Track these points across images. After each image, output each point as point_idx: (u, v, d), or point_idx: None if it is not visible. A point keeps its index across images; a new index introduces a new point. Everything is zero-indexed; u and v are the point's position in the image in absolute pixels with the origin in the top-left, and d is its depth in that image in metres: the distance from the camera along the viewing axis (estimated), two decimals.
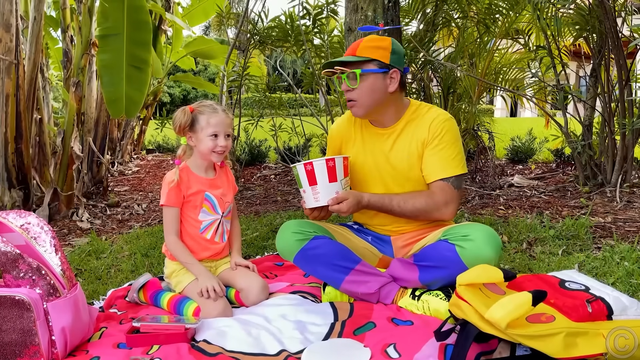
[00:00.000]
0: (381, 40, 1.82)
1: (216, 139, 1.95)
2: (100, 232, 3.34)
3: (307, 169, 1.70)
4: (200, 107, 1.97)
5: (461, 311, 1.44)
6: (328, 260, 1.82)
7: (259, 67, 7.65)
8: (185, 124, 1.93)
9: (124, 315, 1.93)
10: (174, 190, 1.95)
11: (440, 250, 1.72)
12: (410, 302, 1.79)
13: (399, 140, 1.90)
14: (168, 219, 1.97)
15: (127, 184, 5.26)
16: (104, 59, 3.82)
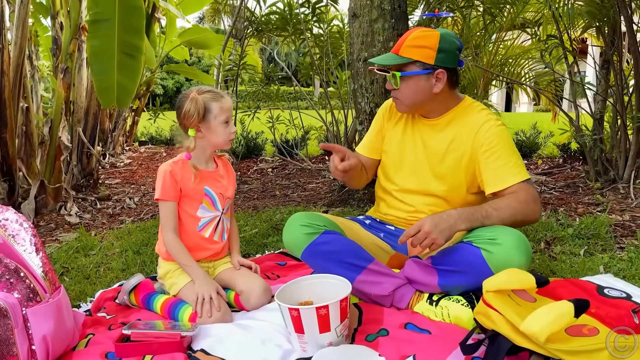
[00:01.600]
0: (427, 38, 1.66)
1: (228, 126, 1.81)
2: (90, 227, 3.17)
3: (293, 314, 1.44)
4: (206, 94, 1.79)
5: (490, 321, 1.29)
6: (339, 257, 1.68)
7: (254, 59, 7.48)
8: (201, 114, 1.75)
9: (113, 320, 1.77)
10: (170, 182, 1.79)
11: (463, 253, 1.57)
12: (427, 308, 1.64)
13: (442, 132, 1.79)
14: (165, 215, 1.81)
15: (119, 176, 5.08)
16: (94, 45, 3.63)
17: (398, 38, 3.12)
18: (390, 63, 1.70)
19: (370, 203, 3.08)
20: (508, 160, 1.68)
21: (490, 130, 1.70)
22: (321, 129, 5.64)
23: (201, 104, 1.75)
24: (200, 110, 1.75)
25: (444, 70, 1.68)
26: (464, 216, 1.55)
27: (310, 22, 4.91)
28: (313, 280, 1.67)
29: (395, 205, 1.89)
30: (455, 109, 1.79)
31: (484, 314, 1.33)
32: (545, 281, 1.37)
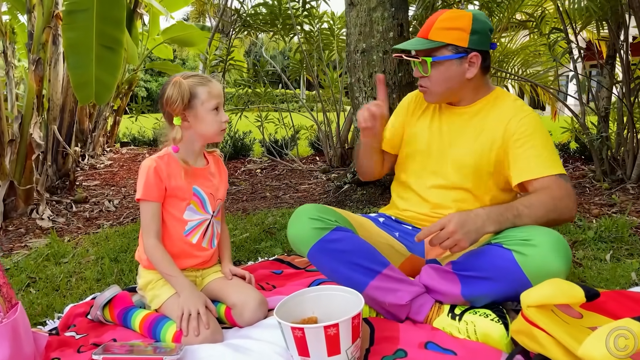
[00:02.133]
0: (459, 19, 1.49)
1: (218, 114, 1.58)
2: (63, 231, 2.90)
3: (296, 334, 1.23)
4: (192, 78, 1.58)
5: (536, 343, 1.08)
6: (351, 258, 1.46)
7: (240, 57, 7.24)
8: (187, 99, 1.54)
9: (83, 340, 1.52)
10: (154, 180, 1.55)
11: (491, 257, 1.36)
12: (449, 323, 1.42)
13: (470, 121, 1.60)
14: (147, 218, 1.57)
15: (98, 178, 4.80)
16: (70, 37, 3.37)
17: (399, 28, 2.95)
18: (419, 48, 1.53)
19: (369, 204, 2.87)
20: (542, 152, 1.49)
21: (524, 119, 1.52)
22: (312, 128, 5.43)
23: (186, 87, 1.54)
24: (185, 94, 1.53)
25: (477, 54, 1.52)
26: (493, 217, 1.35)
27: (300, 17, 4.70)
28: (318, 293, 1.45)
29: (417, 202, 1.67)
30: (486, 98, 1.61)
31: (526, 333, 1.12)
32: (595, 294, 1.16)
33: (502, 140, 1.53)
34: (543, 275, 1.24)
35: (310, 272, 1.95)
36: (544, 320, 1.08)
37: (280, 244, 2.36)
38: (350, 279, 1.45)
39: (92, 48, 3.37)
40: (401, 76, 2.95)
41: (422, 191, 1.66)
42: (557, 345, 1.04)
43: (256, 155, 5.72)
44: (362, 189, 3.07)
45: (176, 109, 1.54)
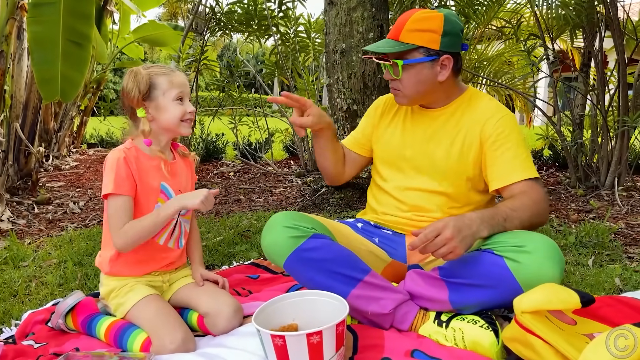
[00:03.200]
0: (430, 20, 1.44)
1: (182, 104, 1.49)
2: (24, 234, 2.74)
3: (277, 343, 1.14)
4: (152, 69, 1.50)
5: (532, 350, 1.03)
6: (331, 267, 1.38)
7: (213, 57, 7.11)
8: (145, 89, 1.45)
9: (42, 350, 1.40)
10: (125, 172, 1.42)
11: (482, 264, 1.30)
12: (435, 330, 1.36)
13: (446, 124, 1.56)
14: (118, 213, 1.41)
15: (63, 179, 4.60)
16: (35, 31, 3.21)
17: (379, 29, 2.91)
18: (390, 51, 1.47)
19: (347, 208, 2.80)
20: (518, 154, 1.46)
21: (500, 120, 1.49)
22: (286, 131, 5.35)
23: (143, 77, 1.45)
24: (142, 84, 1.45)
25: (449, 56, 1.47)
26: (486, 221, 1.30)
27: (276, 18, 4.63)
28: (298, 299, 1.37)
29: (394, 206, 1.61)
30: (459, 99, 1.58)
31: (521, 341, 1.06)
32: (590, 299, 1.12)
33: (479, 142, 1.50)
34: (536, 283, 1.20)
35: (288, 277, 1.86)
36: (539, 327, 1.03)
37: (256, 247, 2.26)
38: (331, 289, 1.36)
39: (58, 43, 3.22)
40: (381, 78, 2.91)
41: (398, 194, 1.61)
42: (555, 354, 0.99)
43: (229, 158, 5.60)
44: (339, 193, 3.00)
45: (133, 100, 1.46)
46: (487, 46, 4.55)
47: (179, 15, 19.11)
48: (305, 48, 4.94)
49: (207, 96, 5.58)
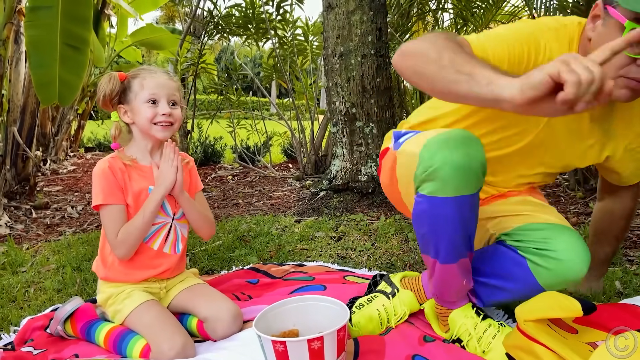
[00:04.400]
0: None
1: (156, 106, 1.47)
2: (22, 239, 2.73)
3: (278, 349, 1.14)
4: (134, 72, 1.51)
5: (536, 358, 1.02)
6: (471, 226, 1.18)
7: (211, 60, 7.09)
8: (112, 92, 1.48)
9: (42, 357, 1.39)
10: (110, 182, 1.45)
11: (505, 262, 1.27)
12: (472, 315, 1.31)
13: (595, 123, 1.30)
14: (112, 221, 1.44)
15: (61, 183, 4.59)
16: (33, 35, 3.21)
17: (377, 32, 2.91)
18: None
19: (346, 212, 2.80)
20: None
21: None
22: (285, 135, 5.34)
23: (114, 81, 1.48)
24: (109, 88, 1.47)
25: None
26: None
27: (275, 22, 4.63)
28: (299, 304, 1.36)
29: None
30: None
31: (524, 349, 1.05)
32: (592, 307, 1.11)
33: (623, 149, 1.34)
34: (561, 284, 1.17)
35: (288, 282, 1.86)
36: (543, 335, 1.02)
37: (256, 252, 2.26)
38: (454, 244, 1.17)
39: (56, 47, 3.22)
40: (379, 81, 2.90)
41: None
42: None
43: (227, 162, 5.59)
44: (338, 196, 3.00)
45: (100, 101, 1.48)
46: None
47: (177, 18, 19.10)
48: (303, 51, 4.94)
49: (205, 99, 5.57)
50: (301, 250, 2.28)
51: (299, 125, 4.53)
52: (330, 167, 3.20)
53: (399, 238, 2.35)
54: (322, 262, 2.11)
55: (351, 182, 3.01)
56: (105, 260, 1.51)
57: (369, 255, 2.18)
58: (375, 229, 2.48)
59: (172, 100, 1.49)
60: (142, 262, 1.51)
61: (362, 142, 2.98)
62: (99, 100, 1.48)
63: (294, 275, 1.92)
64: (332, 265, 2.07)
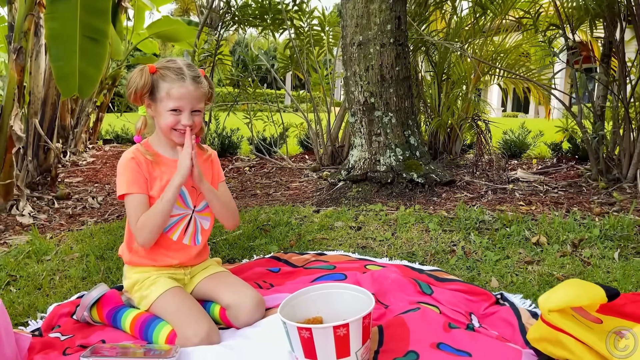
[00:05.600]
0: None
1: (178, 115, 1.47)
2: (45, 228, 2.77)
3: (303, 335, 1.15)
4: (164, 70, 1.48)
5: (564, 349, 1.01)
6: None
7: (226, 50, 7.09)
8: (143, 89, 1.46)
9: (69, 342, 1.41)
10: (137, 171, 1.47)
11: None
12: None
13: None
14: (136, 210, 1.46)
15: (81, 175, 4.64)
16: (53, 27, 3.23)
17: (396, 20, 2.88)
18: None
19: (365, 202, 2.79)
20: None
21: None
22: (301, 126, 5.34)
23: (146, 78, 1.46)
24: (140, 85, 1.46)
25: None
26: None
27: (291, 12, 4.61)
28: (323, 291, 1.36)
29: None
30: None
31: (551, 340, 1.04)
32: (615, 293, 1.09)
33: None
34: None
35: (309, 270, 1.86)
36: (570, 325, 1.01)
37: (276, 241, 2.26)
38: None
39: (75, 39, 3.24)
40: (398, 70, 2.88)
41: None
42: (588, 351, 0.97)
43: (244, 154, 5.60)
44: (357, 187, 2.99)
45: (130, 96, 1.48)
46: (504, 37, 4.48)
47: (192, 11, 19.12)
48: (320, 41, 4.92)
49: (221, 91, 5.58)
50: (321, 239, 2.28)
51: (315, 116, 4.52)
52: (349, 157, 3.19)
53: (419, 228, 2.33)
54: (342, 251, 2.11)
55: (370, 173, 3.00)
56: (130, 246, 1.54)
57: (389, 245, 2.17)
58: (395, 219, 2.47)
59: (195, 108, 1.49)
60: (161, 252, 1.53)
61: (381, 132, 2.96)
62: (130, 94, 1.48)
63: (315, 264, 1.92)
64: (353, 254, 2.07)
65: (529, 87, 4.97)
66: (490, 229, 2.26)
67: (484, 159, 3.79)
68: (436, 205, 2.72)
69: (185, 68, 1.49)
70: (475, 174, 3.62)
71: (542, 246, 2.04)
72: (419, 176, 2.92)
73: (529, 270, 1.83)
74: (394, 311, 1.48)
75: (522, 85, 4.89)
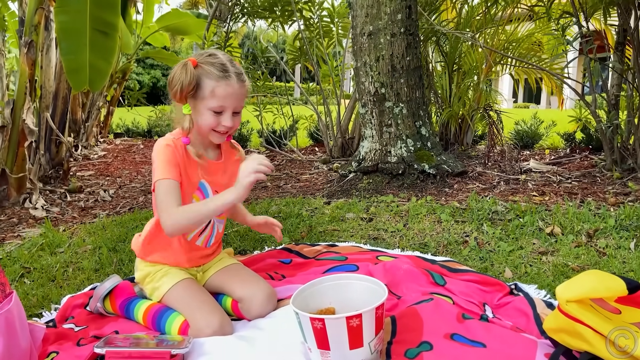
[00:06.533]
0: None
1: (219, 116, 1.40)
2: (58, 221, 2.79)
3: (316, 326, 1.13)
4: (207, 65, 1.38)
5: (582, 340, 0.99)
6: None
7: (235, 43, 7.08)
8: (189, 86, 1.36)
9: (83, 333, 1.42)
10: (169, 158, 1.38)
11: None
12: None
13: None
14: (166, 195, 1.35)
15: (92, 168, 4.67)
16: (63, 21, 3.24)
17: (407, 10, 2.85)
18: None
19: (376, 193, 2.77)
20: None
21: None
22: (311, 118, 5.32)
23: (190, 75, 1.36)
24: (186, 82, 1.35)
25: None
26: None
27: (300, 3, 4.59)
28: (336, 282, 1.35)
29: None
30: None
31: (569, 331, 1.03)
32: (636, 285, 1.07)
33: None
34: None
35: (321, 261, 1.85)
36: (588, 316, 0.99)
37: (287, 232, 2.26)
38: None
39: (85, 32, 3.25)
40: (409, 60, 2.85)
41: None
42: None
43: (254, 146, 5.60)
44: (367, 178, 2.97)
45: (175, 95, 1.39)
46: (516, 26, 4.43)
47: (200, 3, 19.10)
48: (329, 33, 4.89)
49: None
50: (332, 231, 2.27)
51: (325, 108, 4.50)
52: (359, 148, 3.17)
53: (431, 219, 2.32)
54: (354, 243, 2.10)
55: (380, 164, 2.98)
56: (145, 240, 1.52)
57: (401, 236, 2.16)
58: (406, 210, 2.45)
59: (237, 110, 1.43)
60: (172, 253, 1.51)
61: (392, 122, 2.94)
62: (176, 93, 1.38)
63: (327, 255, 1.92)
64: (365, 245, 2.06)
65: (541, 77, 4.91)
66: (503, 219, 2.24)
67: (496, 149, 3.76)
68: (448, 196, 2.70)
69: (229, 64, 1.40)
70: (487, 165, 3.59)
71: (557, 237, 2.01)
72: (431, 167, 2.89)
73: (543, 261, 1.81)
74: (407, 302, 1.47)
75: (535, 75, 4.83)
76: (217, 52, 1.43)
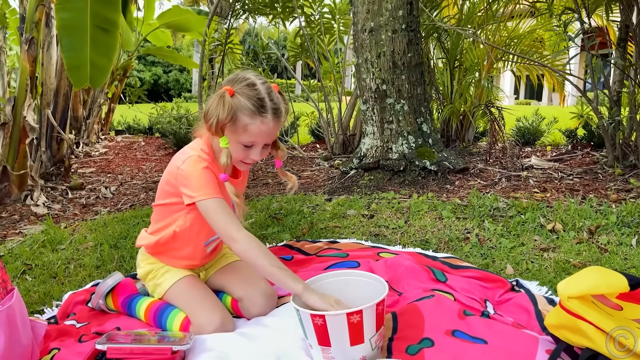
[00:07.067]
0: None
1: (249, 149, 1.37)
2: (59, 218, 2.79)
3: (317, 322, 1.13)
4: (244, 97, 1.31)
5: (584, 337, 0.99)
6: None
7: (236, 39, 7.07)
8: (225, 120, 1.30)
9: (85, 330, 1.42)
10: (213, 179, 1.35)
11: None
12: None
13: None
14: (222, 213, 1.31)
15: (94, 165, 4.68)
16: (64, 18, 3.24)
17: (408, 6, 2.84)
18: None
19: (377, 190, 2.77)
20: None
21: None
22: (312, 115, 5.32)
23: (230, 107, 1.29)
24: (226, 116, 1.29)
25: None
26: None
27: (301, 0, 4.58)
28: (336, 279, 1.36)
29: None
30: None
31: (570, 327, 1.03)
32: (638, 281, 1.07)
33: None
34: None
35: (322, 258, 1.85)
36: (590, 312, 0.99)
37: (288, 229, 2.26)
38: None
39: (86, 29, 3.25)
40: (410, 57, 2.84)
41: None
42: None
43: None
44: (369, 175, 2.97)
45: (210, 128, 1.33)
46: (517, 23, 4.42)
47: (201, 0, 19.08)
48: (330, 29, 4.88)
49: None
50: (333, 227, 2.27)
51: (326, 105, 4.50)
52: (360, 145, 3.17)
53: (432, 215, 2.32)
54: (355, 239, 2.10)
55: (382, 161, 2.97)
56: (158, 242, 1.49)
57: (402, 233, 2.16)
58: (407, 207, 2.45)
59: (268, 142, 1.39)
60: (188, 257, 1.51)
61: (393, 119, 2.93)
62: (211, 125, 1.32)
63: (328, 252, 1.92)
64: (366, 242, 2.06)
65: (543, 73, 4.90)
66: (504, 216, 2.24)
67: (498, 146, 3.75)
68: (449, 192, 2.70)
69: (266, 98, 1.33)
70: (488, 162, 3.58)
71: (558, 233, 2.01)
72: (432, 164, 2.89)
73: (544, 258, 1.81)
74: (408, 298, 1.47)
75: (536, 71, 4.82)
76: (257, 79, 1.36)
